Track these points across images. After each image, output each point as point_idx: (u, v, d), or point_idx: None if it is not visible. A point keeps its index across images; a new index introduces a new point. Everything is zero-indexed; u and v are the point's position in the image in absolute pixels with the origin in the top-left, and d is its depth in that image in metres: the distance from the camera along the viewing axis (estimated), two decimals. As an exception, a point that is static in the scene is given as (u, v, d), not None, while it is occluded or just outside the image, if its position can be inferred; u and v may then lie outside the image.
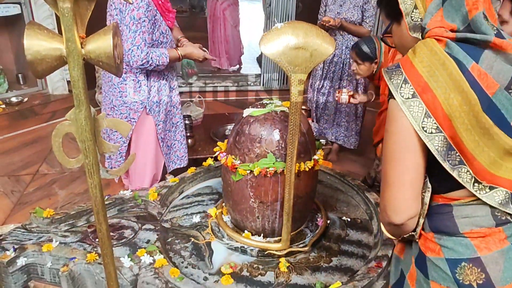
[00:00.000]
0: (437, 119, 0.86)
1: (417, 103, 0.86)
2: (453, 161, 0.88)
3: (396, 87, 0.89)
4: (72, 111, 1.21)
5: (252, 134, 1.85)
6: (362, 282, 1.73)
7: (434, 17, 0.92)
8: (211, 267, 1.91)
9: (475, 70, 0.84)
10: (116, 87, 2.36)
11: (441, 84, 0.85)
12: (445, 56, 0.86)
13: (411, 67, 0.89)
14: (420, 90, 0.86)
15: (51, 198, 2.89)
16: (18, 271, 1.87)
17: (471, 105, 0.83)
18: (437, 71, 0.85)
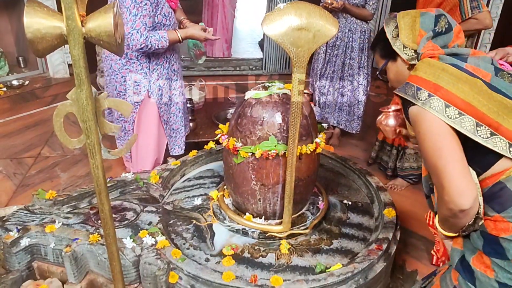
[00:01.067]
0: (457, 106, 1.00)
1: (436, 100, 1.01)
2: (484, 134, 0.99)
3: (413, 96, 1.05)
4: (73, 91, 1.20)
5: (254, 117, 1.84)
6: (362, 264, 1.75)
7: (426, 45, 1.14)
8: (213, 248, 1.93)
9: (469, 67, 1.04)
10: (118, 72, 2.34)
11: (448, 81, 1.02)
12: (441, 64, 1.06)
13: (418, 78, 1.06)
14: (433, 90, 1.02)
15: (53, 180, 2.90)
16: (21, 252, 1.89)
17: (478, 87, 1.00)
18: (441, 74, 1.03)
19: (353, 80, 3.39)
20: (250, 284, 1.63)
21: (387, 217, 2.05)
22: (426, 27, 1.19)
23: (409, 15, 1.24)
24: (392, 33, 1.26)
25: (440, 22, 1.18)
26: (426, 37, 1.17)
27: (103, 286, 1.89)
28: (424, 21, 1.19)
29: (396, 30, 1.25)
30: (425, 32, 1.18)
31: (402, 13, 1.28)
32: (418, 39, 1.18)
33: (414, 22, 1.21)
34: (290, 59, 1.59)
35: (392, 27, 1.27)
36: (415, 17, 1.22)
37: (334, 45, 3.31)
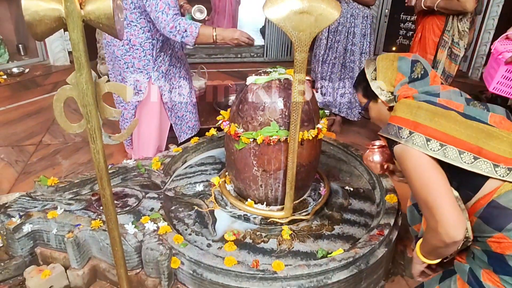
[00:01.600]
0: (437, 138, 1.07)
1: (417, 136, 1.09)
2: (468, 160, 1.06)
3: (395, 135, 1.12)
4: (73, 75, 1.19)
5: (255, 102, 1.83)
6: (364, 249, 1.75)
7: (401, 88, 1.23)
8: (215, 234, 1.93)
9: (442, 101, 1.13)
10: (120, 59, 2.32)
11: (425, 117, 1.10)
12: (416, 102, 1.14)
13: (398, 118, 1.15)
14: (413, 127, 1.10)
15: (55, 168, 2.90)
16: (24, 237, 1.90)
17: (453, 118, 1.08)
18: (417, 112, 1.11)
19: (354, 66, 3.36)
20: (252, 269, 1.64)
21: (388, 203, 2.05)
22: (403, 71, 1.26)
23: (388, 59, 1.31)
24: (371, 75, 1.32)
25: (416, 68, 1.25)
26: (402, 82, 1.25)
27: (106, 271, 1.90)
28: (401, 65, 1.26)
29: (375, 72, 1.31)
30: (402, 76, 1.25)
31: (381, 56, 1.35)
32: (395, 83, 1.26)
33: (392, 65, 1.28)
34: (292, 45, 1.57)
35: (371, 69, 1.33)
36: (392, 60, 1.29)
37: (336, 31, 3.27)
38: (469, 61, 5.17)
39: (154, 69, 2.36)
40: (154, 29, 2.26)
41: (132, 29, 2.24)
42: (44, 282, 1.78)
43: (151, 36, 2.28)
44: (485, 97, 4.18)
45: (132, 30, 2.24)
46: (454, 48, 2.59)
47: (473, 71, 5.08)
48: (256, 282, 1.63)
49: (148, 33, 2.27)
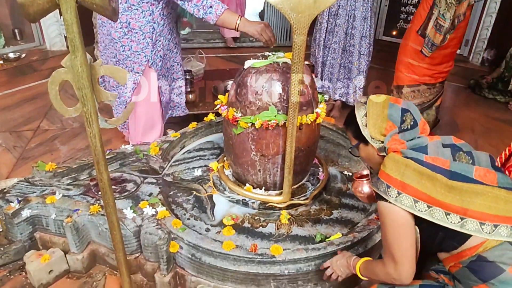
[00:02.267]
0: (424, 200, 1.13)
1: (405, 197, 1.14)
2: (455, 220, 1.12)
3: (384, 193, 1.17)
4: (68, 58, 1.17)
5: (253, 86, 1.81)
6: (362, 233, 1.76)
7: (391, 140, 1.25)
8: (213, 219, 1.94)
9: (428, 158, 1.17)
10: (118, 41, 2.28)
11: (412, 178, 1.14)
12: (404, 160, 1.18)
13: (386, 176, 1.19)
14: (401, 188, 1.15)
15: (53, 153, 2.88)
16: (23, 222, 1.90)
17: (439, 182, 1.12)
18: (405, 171, 1.15)
19: (354, 50, 3.32)
20: (250, 253, 1.65)
21: (387, 187, 2.05)
22: (393, 119, 1.26)
23: (378, 105, 1.29)
24: (362, 120, 1.32)
25: (406, 119, 1.26)
26: (392, 132, 1.25)
27: (105, 256, 1.91)
28: (391, 113, 1.26)
29: (365, 118, 1.31)
30: (393, 125, 1.26)
31: (372, 99, 1.32)
32: (386, 132, 1.26)
33: (382, 113, 1.27)
34: (291, 29, 1.55)
35: (362, 113, 1.32)
36: (383, 107, 1.28)
37: (336, 14, 3.23)
38: (470, 46, 5.12)
39: (152, 52, 2.33)
40: (156, 12, 2.23)
41: (133, 12, 2.19)
42: (44, 266, 1.79)
43: (152, 20, 2.24)
44: (485, 82, 4.15)
45: (133, 13, 2.20)
46: (440, 20, 2.60)
47: (474, 55, 5.04)
48: (255, 266, 1.64)
49: (149, 17, 2.23)
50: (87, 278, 1.88)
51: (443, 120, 3.66)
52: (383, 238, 1.26)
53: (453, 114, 3.79)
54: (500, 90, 4.04)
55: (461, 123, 3.59)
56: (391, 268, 1.22)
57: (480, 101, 4.05)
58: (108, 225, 1.51)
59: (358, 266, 1.43)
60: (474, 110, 3.85)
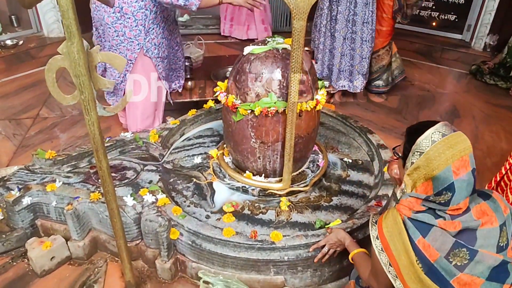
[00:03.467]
0: (395, 269, 1.13)
1: (384, 255, 1.16)
2: None
3: (373, 238, 1.20)
4: (64, 44, 1.16)
5: (253, 73, 1.79)
6: (361, 220, 1.76)
7: (409, 199, 1.13)
8: (213, 206, 1.94)
9: (420, 243, 1.09)
10: (111, 26, 2.26)
11: (397, 247, 1.12)
12: (402, 227, 1.12)
13: (381, 229, 1.18)
14: (384, 247, 1.16)
15: (53, 141, 2.88)
16: (24, 210, 1.91)
17: (415, 270, 1.09)
18: (395, 238, 1.13)
19: (356, 37, 3.28)
20: (250, 240, 1.66)
21: (387, 174, 2.05)
22: (435, 185, 1.08)
23: (440, 156, 1.06)
24: (414, 156, 1.11)
25: (444, 195, 1.08)
26: (418, 196, 1.12)
27: (106, 242, 1.92)
28: (440, 178, 1.07)
29: (419, 156, 1.10)
30: (429, 188, 1.10)
31: (448, 142, 1.07)
32: (419, 189, 1.12)
33: (434, 167, 1.07)
34: (291, 14, 1.52)
35: (423, 145, 1.09)
36: (443, 161, 1.06)
37: (337, 0, 3.18)
38: (472, 31, 5.07)
39: (146, 40, 2.30)
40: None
41: None
42: (46, 253, 1.80)
43: (144, 6, 2.21)
44: (487, 68, 4.12)
45: None
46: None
47: (476, 40, 4.99)
48: (255, 252, 1.65)
49: (142, 3, 2.20)
50: (88, 265, 1.90)
51: (443, 106, 3.65)
52: (372, 260, 1.27)
53: (454, 100, 3.77)
54: (502, 76, 4.01)
55: (462, 109, 3.57)
56: (373, 282, 1.28)
57: (481, 87, 4.03)
58: (108, 212, 1.52)
59: (353, 254, 1.47)
60: (475, 96, 3.83)
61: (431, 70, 4.46)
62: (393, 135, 3.07)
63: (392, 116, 3.44)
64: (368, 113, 3.46)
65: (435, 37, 5.42)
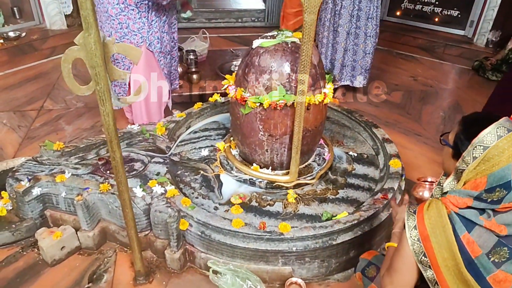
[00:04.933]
0: (431, 261, 1.12)
1: (419, 246, 1.13)
2: None
3: (408, 228, 1.15)
4: (81, 35, 1.17)
5: (262, 66, 1.80)
6: (368, 212, 1.79)
7: (458, 196, 1.10)
8: (221, 197, 1.96)
9: (465, 238, 1.08)
10: (115, 18, 2.26)
11: (438, 240, 1.10)
12: (447, 221, 1.10)
13: (421, 220, 1.13)
14: (423, 238, 1.12)
15: (58, 133, 2.89)
16: (33, 200, 1.93)
17: (456, 262, 1.08)
18: (438, 231, 1.10)
19: (360, 32, 3.29)
20: (259, 231, 1.68)
21: (392, 168, 2.08)
22: (490, 181, 1.05)
23: (503, 153, 1.03)
24: (476, 150, 1.07)
25: (497, 192, 1.05)
26: (468, 194, 1.09)
27: (115, 233, 1.94)
28: (496, 175, 1.04)
29: (481, 150, 1.06)
30: (483, 183, 1.06)
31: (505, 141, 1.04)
32: (472, 183, 1.08)
33: (494, 164, 1.04)
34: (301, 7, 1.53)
35: (487, 141, 1.05)
36: (505, 159, 1.03)
37: (341, -5, 3.18)
38: (475, 27, 5.08)
39: (149, 33, 2.31)
40: None
41: None
42: (56, 242, 1.82)
43: None
44: (489, 64, 4.13)
45: None
46: None
47: (479, 36, 5.00)
48: (263, 243, 1.68)
49: None
50: (98, 255, 1.92)
51: (446, 101, 3.67)
52: (391, 259, 1.25)
53: (456, 96, 3.79)
54: (504, 72, 4.02)
55: (465, 105, 3.59)
56: (387, 281, 1.23)
57: (484, 83, 4.04)
58: (120, 202, 1.53)
59: (391, 244, 1.39)
60: (477, 92, 3.85)
61: (433, 65, 4.47)
62: (396, 130, 3.10)
63: (396, 111, 3.46)
64: (371, 108, 3.48)
65: (438, 32, 5.43)
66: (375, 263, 1.50)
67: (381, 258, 1.49)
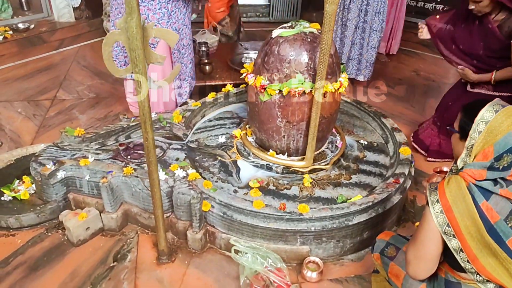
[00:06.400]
0: (454, 230, 1.21)
1: (443, 217, 1.23)
2: (462, 258, 1.24)
3: (431, 203, 1.25)
4: (123, 19, 1.24)
5: (281, 55, 1.88)
6: (381, 195, 1.87)
7: (474, 169, 1.21)
8: (240, 181, 2.04)
9: (484, 205, 1.19)
10: None
11: (460, 210, 1.20)
12: (466, 192, 1.21)
13: (443, 194, 1.24)
14: (445, 209, 1.22)
15: (73, 122, 2.94)
16: (58, 183, 2.00)
17: (477, 228, 1.19)
18: (459, 201, 1.20)
19: (367, 26, 3.37)
20: (279, 211, 1.76)
21: (402, 155, 2.16)
22: (496, 149, 1.18)
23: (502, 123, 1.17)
24: (479, 125, 1.21)
25: (505, 158, 1.18)
26: (481, 165, 1.20)
27: (137, 215, 2.02)
28: (501, 142, 1.17)
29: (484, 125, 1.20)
30: (491, 152, 1.19)
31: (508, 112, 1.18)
32: (480, 155, 1.21)
33: (497, 133, 1.18)
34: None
35: (486, 117, 1.20)
36: (505, 128, 1.17)
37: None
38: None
39: (168, 24, 2.37)
40: None
41: None
42: (82, 223, 1.89)
43: None
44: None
45: None
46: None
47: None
48: (283, 223, 1.76)
49: None
50: (120, 236, 1.99)
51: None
52: (415, 233, 1.33)
53: (459, 90, 3.88)
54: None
55: (467, 99, 3.68)
56: (411, 256, 1.31)
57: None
58: (149, 182, 1.61)
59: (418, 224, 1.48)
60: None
61: (435, 61, 4.56)
62: (402, 122, 3.18)
63: (400, 104, 3.55)
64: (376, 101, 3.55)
65: (439, 29, 5.52)
66: (393, 243, 1.56)
67: (399, 239, 1.57)
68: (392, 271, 1.48)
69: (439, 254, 1.28)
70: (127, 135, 2.32)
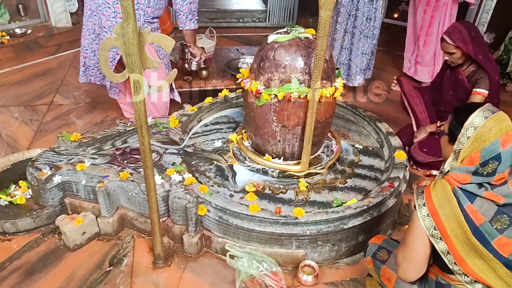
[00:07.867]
0: (441, 232, 1.23)
1: (429, 220, 1.24)
2: (450, 260, 1.26)
3: (418, 206, 1.27)
4: (120, 25, 1.25)
5: (277, 60, 1.90)
6: (376, 199, 1.88)
7: (459, 173, 1.23)
8: (236, 186, 2.05)
9: (469, 208, 1.22)
10: (111, 6, 2.29)
11: (446, 213, 1.22)
12: (451, 196, 1.23)
13: (429, 197, 1.26)
14: (432, 213, 1.24)
15: (70, 126, 2.95)
16: (55, 188, 2.00)
17: (463, 230, 1.21)
18: (444, 204, 1.23)
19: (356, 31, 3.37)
20: (275, 215, 1.77)
21: (397, 159, 2.18)
22: (483, 155, 1.19)
23: (490, 130, 1.18)
24: (468, 131, 1.22)
25: (490, 165, 1.20)
26: (468, 169, 1.22)
27: (133, 220, 2.02)
28: (487, 149, 1.19)
29: (473, 130, 1.21)
30: (477, 157, 1.20)
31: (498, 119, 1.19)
32: (466, 161, 1.23)
33: (484, 140, 1.19)
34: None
35: (476, 122, 1.21)
36: (492, 135, 1.18)
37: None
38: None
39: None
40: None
41: None
42: (78, 228, 1.89)
43: None
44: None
45: None
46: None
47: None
48: (279, 227, 1.77)
49: None
50: (117, 240, 2.00)
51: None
52: (404, 236, 1.35)
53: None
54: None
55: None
56: (401, 258, 1.33)
57: (480, 83, 4.17)
58: (145, 186, 1.62)
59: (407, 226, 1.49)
60: (474, 91, 3.97)
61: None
62: (398, 126, 3.20)
63: (395, 108, 3.57)
64: (371, 105, 3.58)
65: (434, 34, 5.57)
66: (385, 247, 1.58)
67: (391, 242, 1.58)
68: (384, 275, 1.50)
69: (427, 256, 1.29)
70: (123, 139, 2.33)
